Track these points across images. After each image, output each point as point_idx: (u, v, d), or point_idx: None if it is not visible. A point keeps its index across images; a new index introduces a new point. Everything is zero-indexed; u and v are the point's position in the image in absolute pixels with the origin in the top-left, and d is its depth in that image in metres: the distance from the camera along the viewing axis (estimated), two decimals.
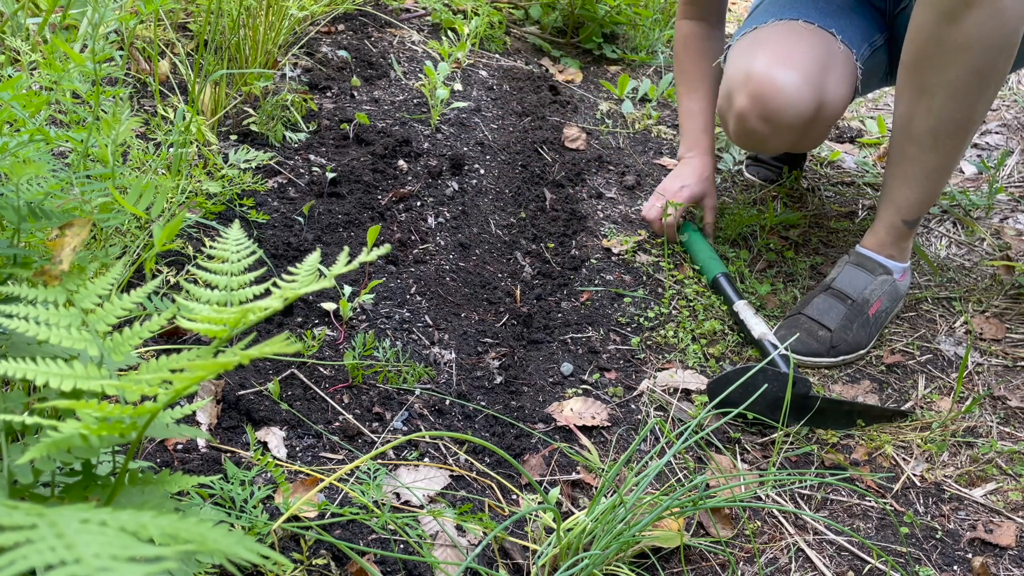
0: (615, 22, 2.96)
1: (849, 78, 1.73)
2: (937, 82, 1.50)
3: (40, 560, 0.37)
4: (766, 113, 1.65)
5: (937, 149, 1.58)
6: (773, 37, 1.73)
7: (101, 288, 0.68)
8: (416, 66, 2.44)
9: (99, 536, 0.39)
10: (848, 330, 1.67)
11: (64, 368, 0.56)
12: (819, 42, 1.71)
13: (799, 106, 1.63)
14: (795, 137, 1.70)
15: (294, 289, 0.57)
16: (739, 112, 1.69)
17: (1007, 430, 1.54)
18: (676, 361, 1.65)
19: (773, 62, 1.65)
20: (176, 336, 1.44)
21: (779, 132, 1.68)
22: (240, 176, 1.67)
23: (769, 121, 1.66)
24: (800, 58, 1.67)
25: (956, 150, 1.58)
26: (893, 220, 1.70)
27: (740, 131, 1.72)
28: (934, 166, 1.61)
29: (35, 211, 0.75)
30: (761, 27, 1.78)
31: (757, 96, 1.65)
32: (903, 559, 1.29)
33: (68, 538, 0.39)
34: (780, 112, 1.64)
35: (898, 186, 1.66)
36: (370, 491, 1.17)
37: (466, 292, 1.71)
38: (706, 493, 1.30)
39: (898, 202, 1.67)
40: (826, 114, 1.69)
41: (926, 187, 1.64)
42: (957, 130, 1.55)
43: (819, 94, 1.65)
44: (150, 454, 1.23)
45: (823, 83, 1.66)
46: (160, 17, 2.05)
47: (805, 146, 1.79)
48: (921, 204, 1.66)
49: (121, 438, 0.55)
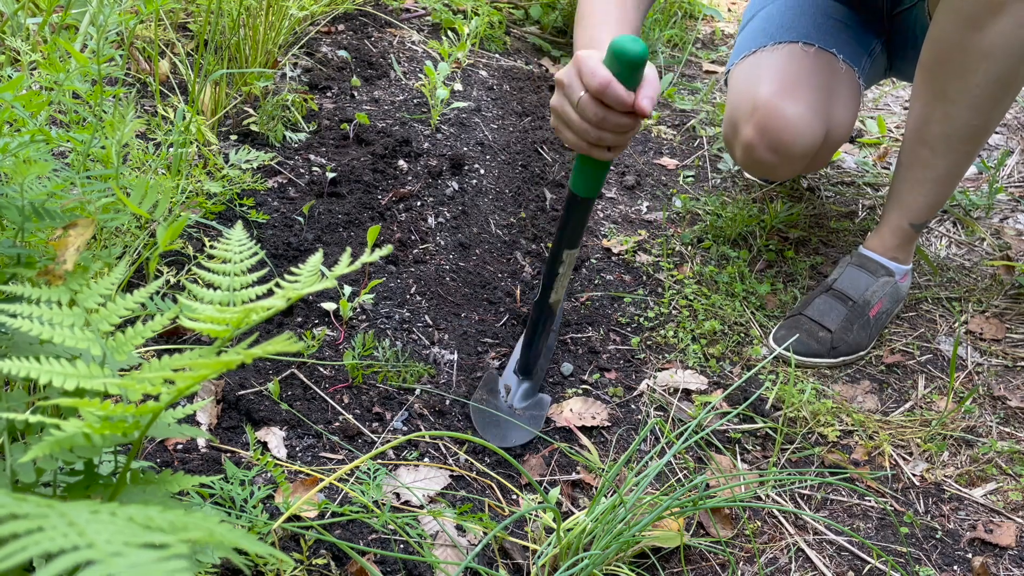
0: None
1: (854, 97, 1.74)
2: (957, 88, 1.49)
3: (53, 545, 0.37)
4: (775, 145, 1.66)
5: (950, 155, 1.58)
6: (775, 64, 1.73)
7: (104, 288, 0.68)
8: (416, 66, 2.44)
9: (109, 525, 0.40)
10: (848, 331, 1.67)
11: (67, 367, 0.56)
12: (822, 66, 1.71)
13: (808, 137, 1.64)
14: (804, 164, 1.72)
15: (297, 289, 0.57)
16: (746, 143, 1.70)
17: (1007, 430, 1.54)
18: (676, 361, 1.65)
19: (779, 93, 1.65)
20: (175, 336, 1.44)
21: (789, 162, 1.69)
22: (240, 176, 1.67)
23: (778, 152, 1.67)
24: (806, 88, 1.67)
25: (968, 156, 1.58)
26: (900, 223, 1.69)
27: (748, 161, 1.73)
28: (945, 171, 1.60)
29: (38, 211, 0.75)
30: (761, 51, 1.78)
31: (765, 129, 1.66)
32: (903, 559, 1.29)
33: (79, 526, 0.39)
34: (790, 145, 1.65)
35: (908, 189, 1.66)
36: (370, 491, 1.17)
37: (466, 292, 1.71)
38: (706, 493, 1.30)
39: (907, 205, 1.67)
40: (834, 138, 1.71)
41: (936, 191, 1.64)
42: (972, 137, 1.55)
43: (826, 122, 1.66)
44: (150, 454, 1.23)
45: (830, 110, 1.67)
46: (160, 17, 2.05)
47: (814, 168, 1.80)
48: (930, 208, 1.66)
49: (124, 437, 0.55)
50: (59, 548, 0.37)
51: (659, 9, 3.06)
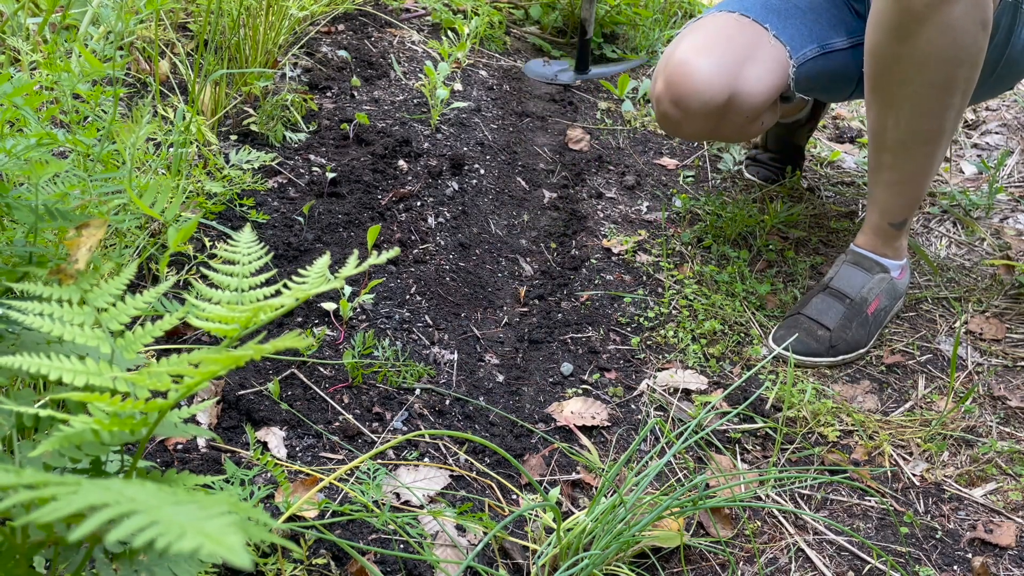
0: (615, 22, 2.96)
1: (775, 74, 1.71)
2: (900, 96, 1.52)
3: (93, 500, 0.37)
4: (676, 98, 1.68)
5: (912, 158, 1.59)
6: (704, 26, 1.75)
7: (114, 288, 0.68)
8: (416, 66, 2.44)
9: (143, 491, 0.40)
10: (847, 329, 1.67)
11: (77, 364, 0.56)
12: (746, 34, 1.71)
13: (707, 93, 1.65)
14: (708, 125, 1.71)
15: (305, 290, 0.57)
16: (656, 96, 1.73)
17: (1007, 430, 1.55)
18: (676, 361, 1.66)
19: (693, 49, 1.68)
20: (176, 336, 1.44)
21: (690, 118, 1.70)
22: (240, 176, 1.67)
23: (679, 106, 1.68)
24: (719, 48, 1.68)
25: (931, 157, 1.60)
26: (879, 223, 1.71)
27: (657, 113, 1.76)
28: (911, 172, 1.62)
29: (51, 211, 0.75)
30: (703, 17, 1.80)
31: (670, 81, 1.68)
32: (903, 559, 1.30)
33: (115, 490, 0.39)
34: (688, 98, 1.66)
35: (880, 191, 1.68)
36: (370, 491, 1.18)
37: (466, 292, 1.71)
38: (706, 493, 1.30)
39: (882, 206, 1.69)
40: (741, 105, 1.68)
41: (907, 191, 1.65)
42: (927, 140, 1.56)
43: (732, 84, 1.65)
44: (150, 454, 1.23)
45: (739, 74, 1.66)
46: (160, 17, 2.05)
47: (724, 137, 1.80)
48: (904, 208, 1.67)
49: (131, 435, 0.56)
50: (101, 502, 0.37)
51: (659, 9, 3.06)
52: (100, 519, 0.34)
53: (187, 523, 0.35)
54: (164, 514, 0.35)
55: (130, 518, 0.35)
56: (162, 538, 0.34)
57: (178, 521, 0.35)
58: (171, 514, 0.36)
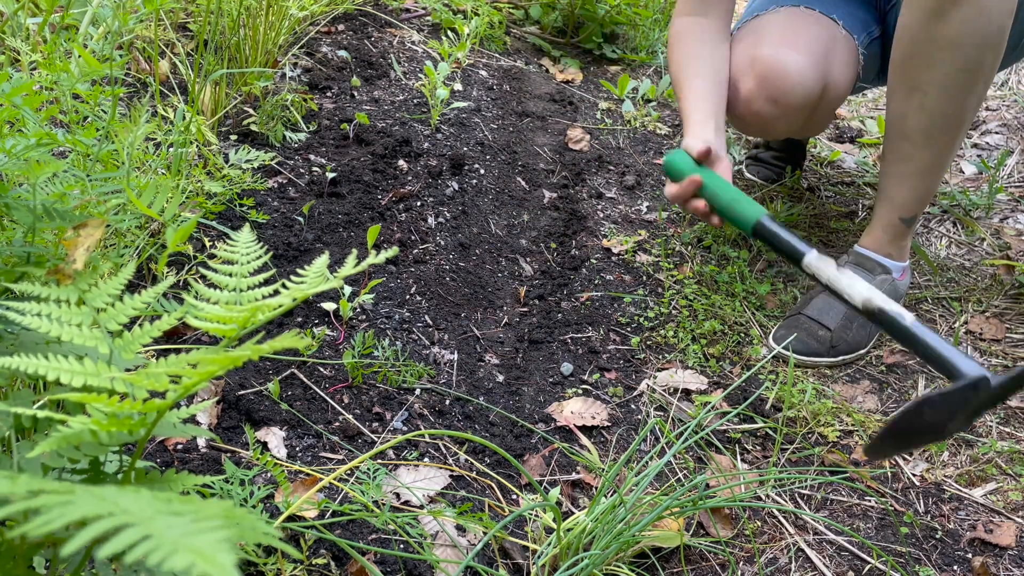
0: (615, 22, 2.96)
1: (852, 63, 1.76)
2: (928, 79, 1.53)
3: (86, 511, 0.37)
4: (774, 94, 1.67)
5: (931, 146, 1.60)
6: (776, 22, 1.76)
7: (112, 288, 0.68)
8: (416, 66, 2.44)
9: (137, 500, 0.40)
10: (848, 329, 1.67)
11: (75, 365, 0.56)
12: (822, 26, 1.74)
13: (806, 86, 1.66)
14: (801, 119, 1.72)
15: (303, 289, 0.57)
16: (746, 95, 1.70)
17: (1007, 430, 1.55)
18: (676, 361, 1.65)
19: (778, 45, 1.68)
20: (174, 337, 1.44)
21: (786, 114, 1.70)
22: (240, 176, 1.67)
23: (777, 103, 1.68)
24: (805, 41, 1.69)
25: (949, 146, 1.60)
26: (891, 218, 1.70)
27: (747, 114, 1.73)
28: (929, 163, 1.62)
29: (49, 211, 0.75)
30: (763, 15, 1.80)
31: (764, 78, 1.67)
32: (903, 559, 1.30)
33: (109, 500, 0.39)
34: (788, 93, 1.66)
35: (894, 184, 1.68)
36: (370, 491, 1.17)
37: (466, 292, 1.71)
38: (706, 493, 1.30)
39: (895, 200, 1.69)
40: (831, 97, 1.72)
41: (922, 184, 1.65)
42: (949, 126, 1.57)
43: (825, 76, 1.68)
44: (150, 454, 1.23)
45: (828, 65, 1.69)
46: (160, 17, 2.05)
47: (810, 131, 1.81)
48: (918, 201, 1.67)
49: (130, 435, 0.56)
50: (94, 514, 0.37)
51: (659, 10, 3.06)
52: (90, 534, 0.34)
53: (179, 539, 0.35)
54: (157, 527, 0.35)
55: (122, 532, 0.35)
56: (154, 554, 0.34)
57: (170, 537, 0.35)
58: (164, 527, 0.36)
